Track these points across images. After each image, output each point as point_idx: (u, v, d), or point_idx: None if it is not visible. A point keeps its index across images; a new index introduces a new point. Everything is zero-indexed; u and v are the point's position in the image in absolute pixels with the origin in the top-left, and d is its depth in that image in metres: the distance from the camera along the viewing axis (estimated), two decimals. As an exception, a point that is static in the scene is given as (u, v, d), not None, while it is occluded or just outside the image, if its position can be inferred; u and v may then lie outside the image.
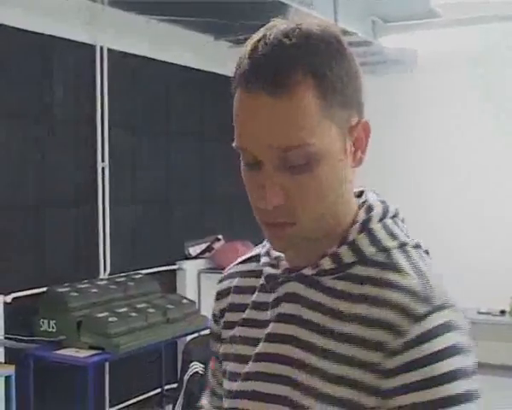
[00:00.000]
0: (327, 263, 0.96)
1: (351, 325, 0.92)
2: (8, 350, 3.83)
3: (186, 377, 4.18)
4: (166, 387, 4.98)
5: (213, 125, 5.68)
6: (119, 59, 4.68)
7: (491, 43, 5.75)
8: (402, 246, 0.97)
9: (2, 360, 3.80)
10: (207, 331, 4.48)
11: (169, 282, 5.13)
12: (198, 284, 5.35)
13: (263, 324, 1.01)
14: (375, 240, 0.96)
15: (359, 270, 0.95)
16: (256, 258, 1.10)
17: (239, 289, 1.09)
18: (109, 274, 4.61)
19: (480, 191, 5.96)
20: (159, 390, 4.99)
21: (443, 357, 0.86)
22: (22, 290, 4.00)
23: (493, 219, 5.89)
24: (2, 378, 3.66)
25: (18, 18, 3.97)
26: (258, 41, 0.89)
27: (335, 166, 0.91)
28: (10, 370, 3.64)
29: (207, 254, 5.44)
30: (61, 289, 4.06)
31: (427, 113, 6.03)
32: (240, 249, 5.32)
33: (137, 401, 4.85)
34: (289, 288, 0.99)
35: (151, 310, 4.29)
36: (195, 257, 5.38)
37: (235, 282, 1.11)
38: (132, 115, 4.93)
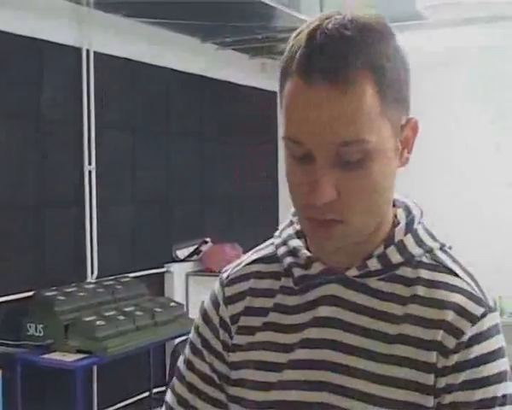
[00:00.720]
0: (373, 264, 0.93)
1: (401, 326, 0.91)
2: (-5, 354, 3.82)
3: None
4: (155, 390, 4.96)
5: (213, 125, 5.69)
6: (107, 61, 4.67)
7: (490, 44, 5.77)
8: (442, 247, 0.97)
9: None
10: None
11: (157, 285, 5.11)
12: (186, 286, 5.34)
13: (293, 328, 0.96)
14: (420, 241, 0.96)
15: (406, 271, 0.94)
16: (271, 258, 1.04)
17: (256, 292, 1.02)
18: (97, 277, 4.60)
19: (480, 191, 5.97)
20: (147, 393, 4.98)
21: (493, 358, 0.89)
22: (9, 294, 3.98)
23: (493, 219, 5.90)
24: (-10, 383, 3.64)
25: (3, 20, 3.95)
26: (314, 30, 0.85)
27: (386, 165, 0.89)
28: (-3, 374, 3.63)
29: (195, 257, 5.44)
30: (48, 293, 4.04)
31: (426, 113, 6.03)
32: (228, 252, 5.32)
33: (126, 405, 4.84)
34: (328, 290, 0.95)
35: (139, 313, 4.28)
36: (183, 260, 5.37)
37: (251, 284, 1.03)
38: (130, 116, 4.92)
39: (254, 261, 1.06)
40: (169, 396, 1.09)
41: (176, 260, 5.32)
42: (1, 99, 4.01)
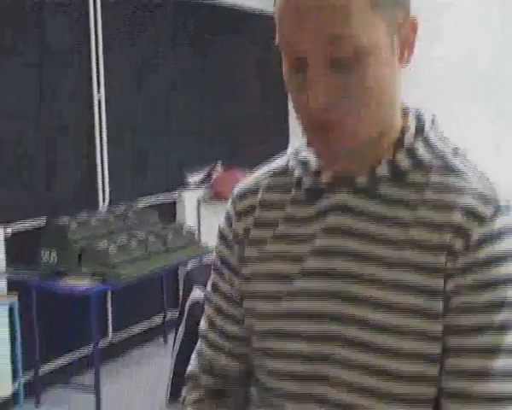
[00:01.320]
0: (382, 170, 0.92)
1: (411, 231, 0.90)
2: (10, 282, 3.87)
3: (188, 304, 4.23)
4: (169, 315, 5.04)
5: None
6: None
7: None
8: (455, 151, 0.96)
9: (6, 292, 3.84)
10: (208, 259, 4.51)
11: (168, 212, 5.15)
12: (198, 213, 5.37)
13: (303, 239, 0.96)
14: (431, 146, 0.94)
15: (417, 176, 0.92)
16: (283, 171, 1.03)
17: (266, 204, 1.02)
18: (108, 205, 4.62)
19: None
20: (161, 318, 5.06)
21: (504, 260, 0.87)
22: (22, 222, 4.02)
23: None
24: (6, 307, 3.71)
25: None
26: None
27: (383, 65, 0.86)
28: (13, 300, 3.69)
29: (206, 184, 5.44)
30: (61, 221, 4.08)
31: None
32: (239, 177, 5.32)
33: (140, 329, 4.93)
34: (337, 199, 0.94)
35: (151, 239, 4.32)
36: (195, 186, 5.38)
37: (260, 196, 1.03)
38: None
39: (265, 175, 1.05)
40: (202, 322, 1.12)
41: (186, 186, 5.32)
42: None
